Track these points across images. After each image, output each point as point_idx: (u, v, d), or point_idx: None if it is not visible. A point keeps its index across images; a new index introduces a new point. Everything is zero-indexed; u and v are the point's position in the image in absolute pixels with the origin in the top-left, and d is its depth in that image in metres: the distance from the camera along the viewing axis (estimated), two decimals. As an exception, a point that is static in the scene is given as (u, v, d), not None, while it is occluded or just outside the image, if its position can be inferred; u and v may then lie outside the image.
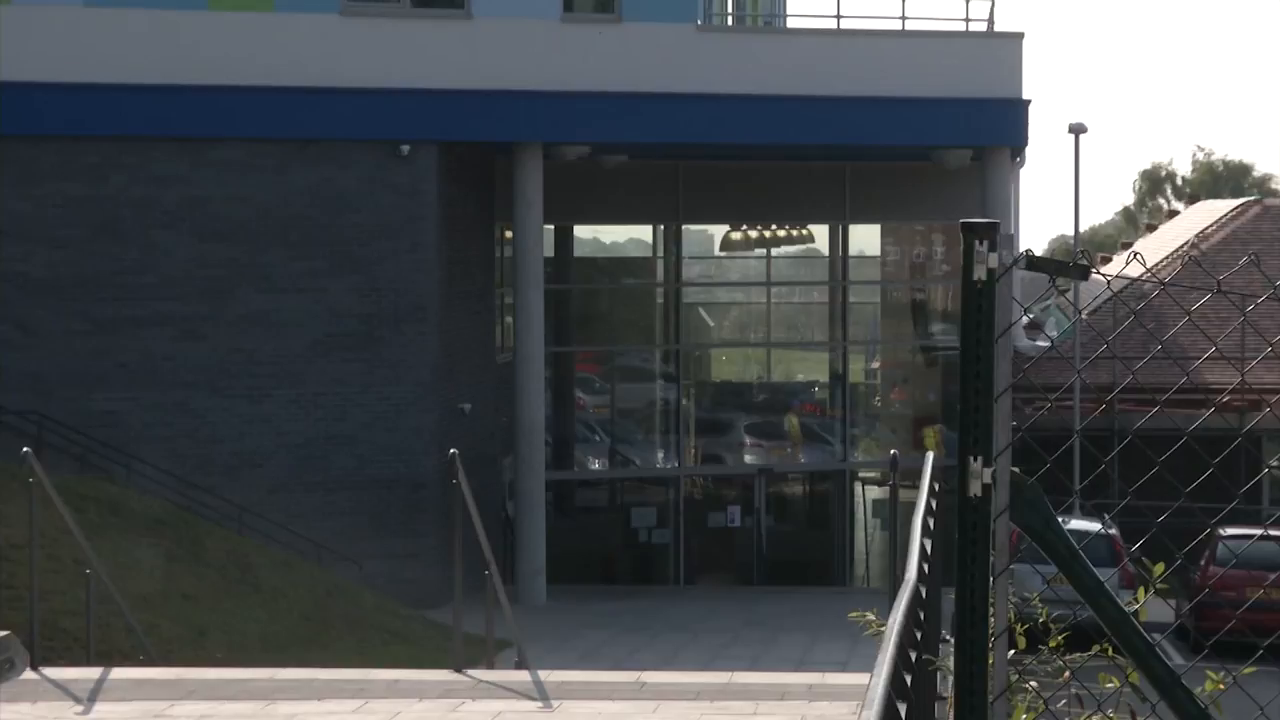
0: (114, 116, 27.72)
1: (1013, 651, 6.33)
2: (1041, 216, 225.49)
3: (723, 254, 39.52)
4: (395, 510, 27.63)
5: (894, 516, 22.96)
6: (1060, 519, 4.52)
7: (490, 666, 13.36)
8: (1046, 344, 35.04)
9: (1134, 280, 6.49)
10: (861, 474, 37.19)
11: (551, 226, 33.01)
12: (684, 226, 37.12)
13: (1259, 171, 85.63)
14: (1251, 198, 52.53)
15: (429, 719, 10.79)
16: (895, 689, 3.79)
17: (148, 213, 27.79)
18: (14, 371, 27.04)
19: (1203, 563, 25.83)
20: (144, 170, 27.82)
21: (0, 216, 27.40)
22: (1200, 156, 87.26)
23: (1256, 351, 29.03)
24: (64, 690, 11.74)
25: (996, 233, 3.99)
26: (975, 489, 3.95)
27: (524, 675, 12.40)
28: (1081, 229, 43.33)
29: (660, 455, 36.73)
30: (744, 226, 38.33)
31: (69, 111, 27.63)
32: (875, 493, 36.81)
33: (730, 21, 35.14)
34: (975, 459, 3.95)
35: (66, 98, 27.60)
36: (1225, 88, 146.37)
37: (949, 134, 31.08)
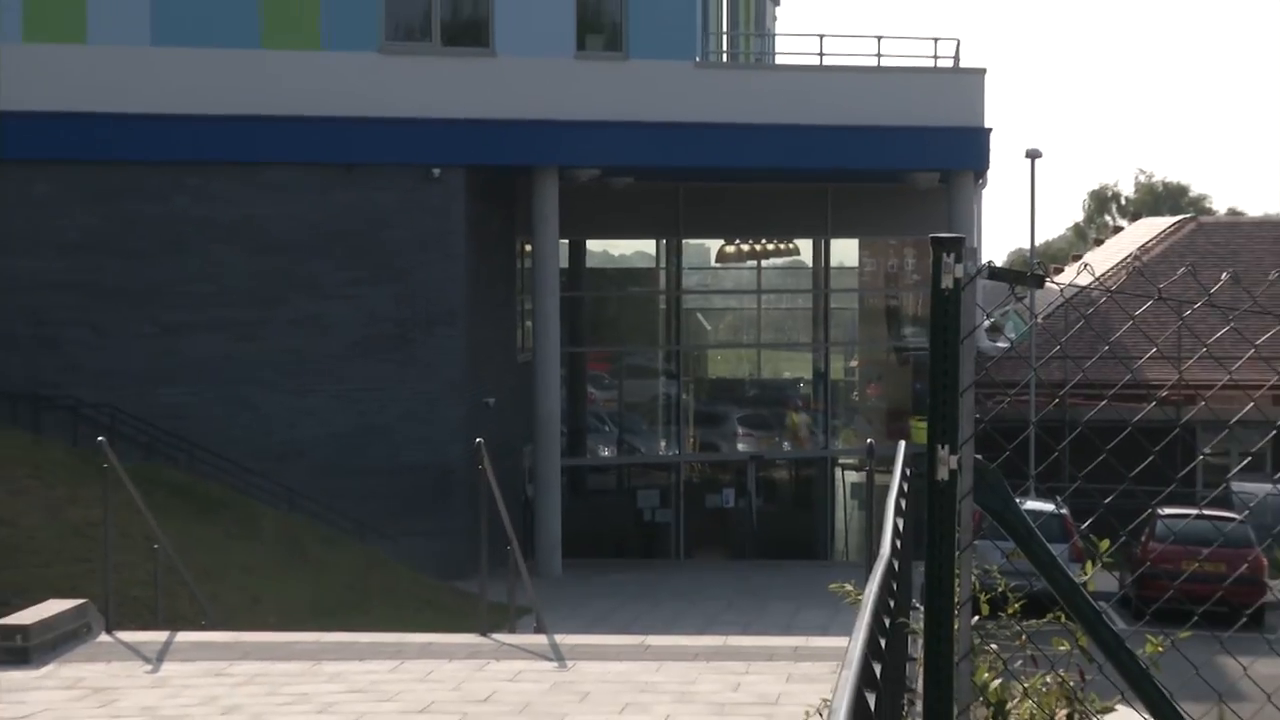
0: (177, 143, 27.74)
1: (976, 618, 6.35)
2: (1001, 232, 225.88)
3: (718, 265, 39.50)
4: (427, 493, 27.62)
5: (870, 498, 23.08)
6: (1018, 500, 4.53)
7: (512, 631, 13.38)
8: (1006, 345, 35.07)
9: (1083, 288, 6.48)
10: (841, 461, 37.17)
11: (566, 240, 32.99)
12: (684, 241, 37.16)
13: (1195, 192, 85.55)
14: (1188, 215, 52.54)
15: (458, 677, 10.80)
16: (871, 651, 3.80)
17: (208, 229, 27.81)
18: (90, 370, 27.11)
19: (1144, 539, 25.81)
20: (204, 191, 27.84)
21: (77, 232, 27.51)
22: (1142, 179, 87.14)
23: (1192, 352, 28.91)
24: (135, 651, 11.77)
25: (962, 246, 4.00)
26: (943, 474, 3.95)
27: (541, 639, 12.42)
28: (1037, 243, 43.26)
29: (663, 444, 36.72)
30: (737, 240, 38.31)
31: (137, 138, 27.64)
32: (853, 477, 36.78)
33: (725, 58, 35.09)
34: (943, 447, 3.96)
35: (135, 127, 27.61)
36: (1166, 116, 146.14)
37: (919, 159, 31.05)
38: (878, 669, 3.98)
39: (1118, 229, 64.80)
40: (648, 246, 37.82)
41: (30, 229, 27.40)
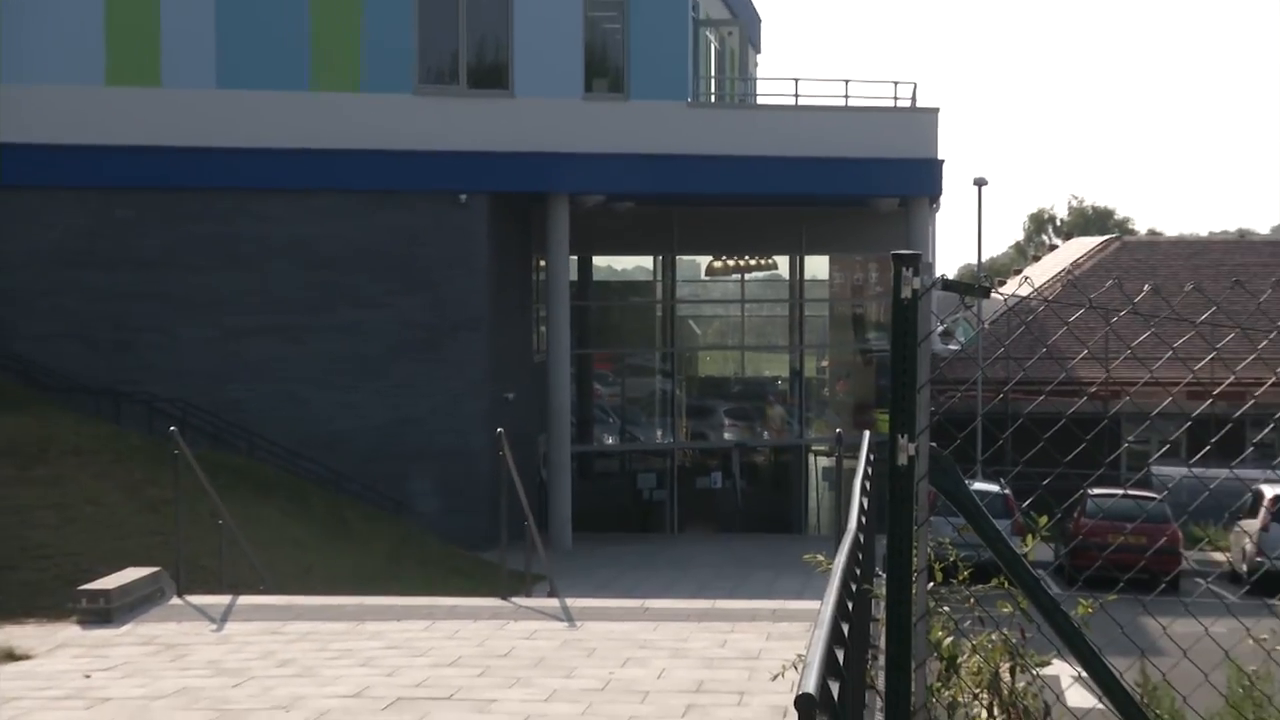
0: (239, 172, 27.75)
1: (931, 584, 6.34)
2: (952, 249, 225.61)
3: (707, 278, 39.52)
4: (455, 476, 27.61)
5: (839, 480, 23.04)
6: (967, 482, 4.53)
7: (528, 595, 13.39)
8: (957, 348, 35.06)
9: (1024, 299, 6.48)
10: (814, 448, 37.14)
11: (575, 257, 32.97)
12: (677, 257, 37.13)
13: (1120, 215, 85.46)
14: (1114, 235, 52.52)
15: (481, 635, 10.81)
16: (840, 613, 3.80)
17: (264, 247, 27.81)
18: (163, 369, 27.13)
19: (1076, 516, 25.84)
20: (262, 214, 27.83)
21: (153, 250, 27.53)
22: (1074, 203, 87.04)
23: (1117, 353, 28.98)
24: (202, 613, 11.79)
25: (919, 262, 4.00)
26: (903, 459, 3.96)
27: (554, 602, 12.42)
28: (983, 259, 43.31)
29: (659, 433, 36.70)
30: (723, 257, 38.36)
31: (204, 169, 27.67)
32: (824, 462, 36.76)
33: (713, 99, 35.08)
34: (903, 436, 3.96)
35: (203, 159, 27.63)
36: (1095, 148, 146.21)
37: (881, 186, 31.04)
38: (845, 628, 3.98)
39: (1053, 247, 64.81)
40: (646, 262, 37.81)
41: (112, 247, 27.42)
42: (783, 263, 38.02)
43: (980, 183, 37.89)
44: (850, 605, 4.47)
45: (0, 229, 26.99)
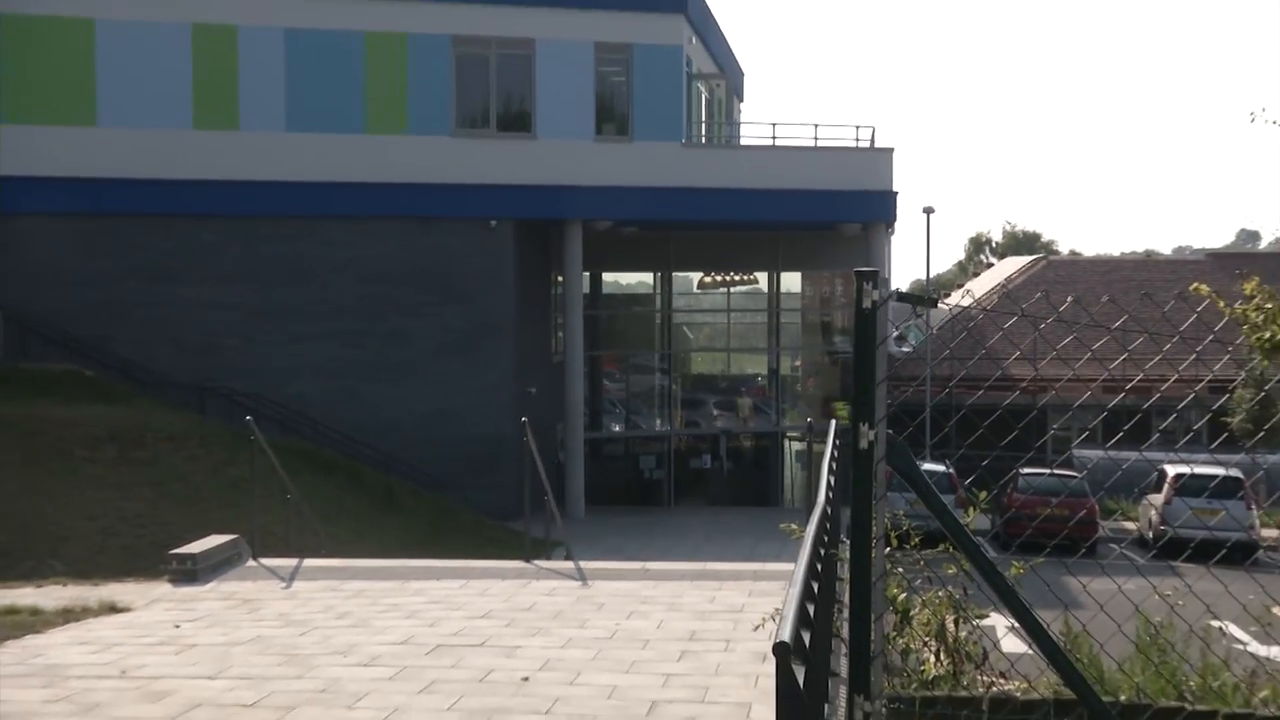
0: (304, 202, 27.78)
1: (887, 549, 6.34)
2: (904, 267, 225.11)
3: (699, 291, 39.48)
4: (486, 458, 27.63)
5: (809, 462, 23.05)
6: (918, 463, 4.51)
7: (547, 558, 13.37)
8: (909, 350, 35.01)
9: (965, 308, 6.48)
10: (788, 434, 37.14)
11: (587, 273, 33.01)
12: (673, 273, 37.17)
13: (1046, 238, 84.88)
14: (1041, 255, 52.47)
15: (508, 592, 10.81)
16: (810, 573, 3.80)
17: (325, 264, 27.83)
18: (240, 368, 27.16)
19: (1010, 491, 25.80)
20: (323, 237, 27.85)
21: (232, 267, 27.55)
22: (1008, 228, 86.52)
23: (1045, 354, 28.99)
24: (273, 573, 11.79)
25: (877, 278, 3.99)
26: (864, 443, 3.94)
27: (569, 564, 12.42)
28: (930, 275, 43.27)
29: (658, 422, 36.67)
30: (712, 273, 38.33)
31: (275, 199, 27.72)
32: (798, 446, 36.76)
33: (703, 140, 35.06)
34: (864, 424, 3.94)
35: (274, 190, 27.68)
36: (1025, 181, 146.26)
37: (845, 213, 31.02)
38: (815, 587, 3.98)
39: (990, 265, 64.62)
40: (646, 278, 37.78)
41: (198, 266, 27.45)
42: (762, 278, 38.00)
43: (928, 211, 37.87)
44: (819, 567, 4.46)
45: (103, 251, 27.04)
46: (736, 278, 38.71)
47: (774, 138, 32.50)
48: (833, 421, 10.52)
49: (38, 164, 26.72)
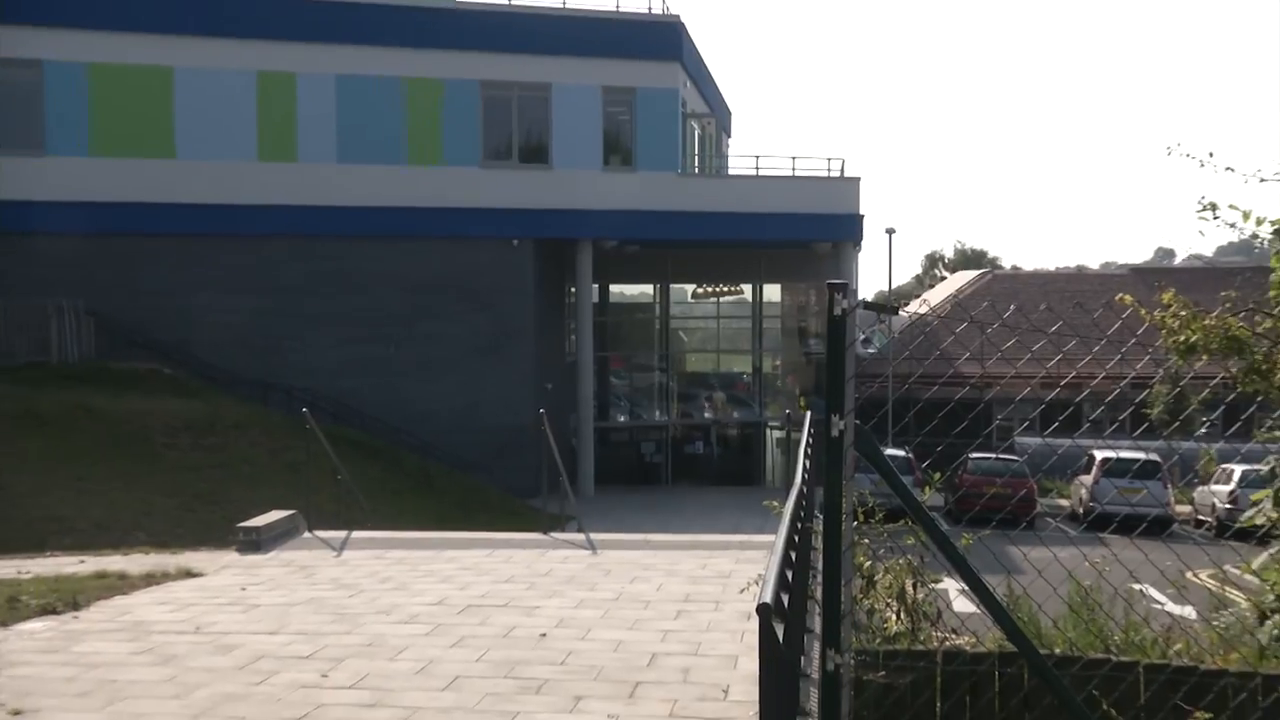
0: (353, 223, 27.79)
1: (855, 523, 6.33)
2: (869, 280, 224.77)
3: (693, 300, 39.47)
4: (509, 444, 27.63)
5: (788, 447, 23.06)
6: (882, 448, 4.51)
7: (562, 530, 13.37)
8: (874, 351, 34.96)
9: (923, 315, 6.47)
10: (770, 424, 37.13)
11: (596, 285, 32.98)
12: (670, 285, 37.18)
13: (992, 254, 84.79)
14: (987, 270, 52.43)
15: (528, 560, 10.80)
16: (789, 544, 3.79)
17: (372, 277, 27.81)
18: (297, 366, 27.17)
19: (961, 473, 25.78)
20: (369, 254, 27.85)
21: (290, 278, 27.55)
22: (959, 246, 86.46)
23: (991, 355, 28.98)
24: (326, 544, 11.79)
25: (846, 289, 3.98)
26: (835, 431, 3.94)
27: (581, 536, 12.41)
28: (892, 287, 43.25)
29: (657, 413, 36.66)
30: (704, 285, 38.33)
31: (328, 221, 27.72)
32: (778, 434, 36.75)
33: (696, 170, 35.04)
34: (836, 415, 3.94)
35: (327, 214, 27.69)
36: (974, 206, 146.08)
37: (819, 233, 31.00)
38: (793, 555, 3.97)
39: (943, 278, 64.57)
40: (647, 289, 37.79)
41: (260, 278, 27.45)
42: (747, 289, 38.01)
43: (890, 231, 37.92)
44: (796, 539, 4.46)
45: (181, 267, 27.04)
46: (725, 289, 38.71)
47: (757, 168, 32.57)
48: (808, 413, 10.52)
49: (126, 191, 26.74)
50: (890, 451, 23.12)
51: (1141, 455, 26.66)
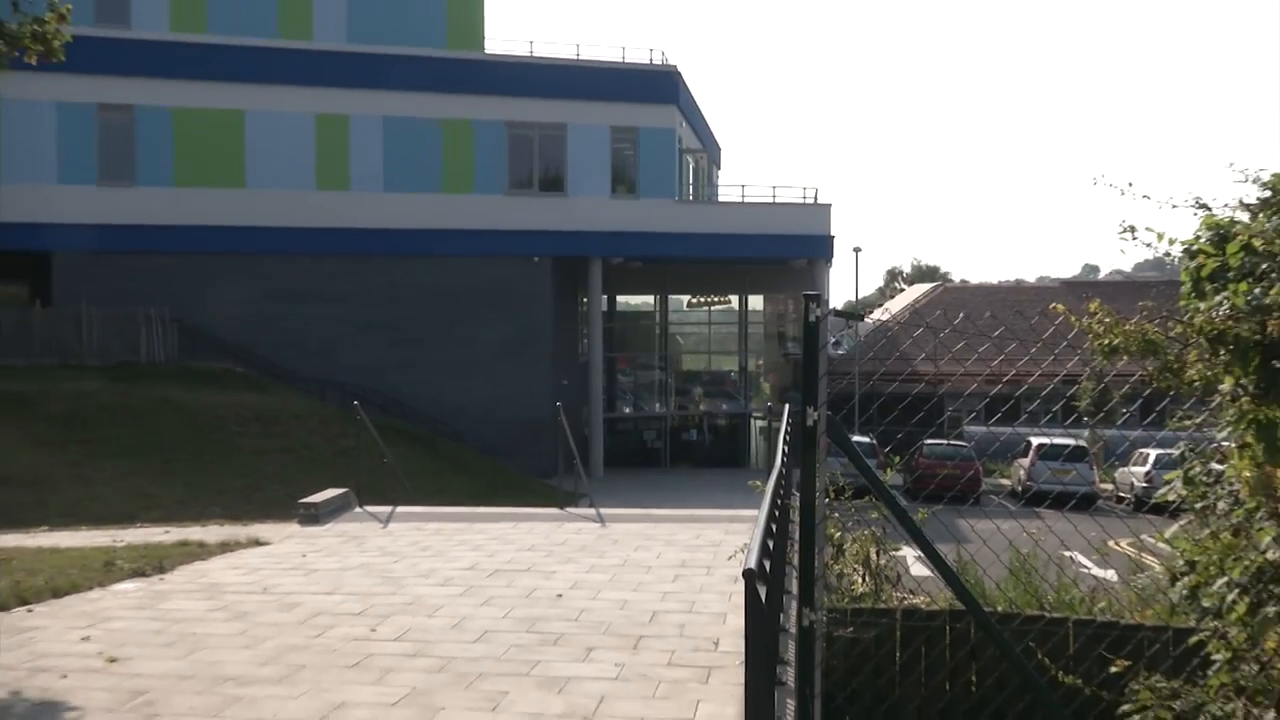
0: (396, 244, 27.77)
1: (827, 500, 6.33)
2: (839, 291, 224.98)
3: (687, 309, 39.48)
4: (531, 432, 27.60)
5: (770, 435, 23.03)
6: (850, 435, 4.51)
7: (576, 506, 13.38)
8: (843, 352, 34.92)
9: (885, 322, 6.47)
10: (754, 415, 37.11)
11: (605, 296, 32.96)
12: (669, 296, 37.15)
13: (944, 269, 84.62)
14: (939, 283, 52.37)
15: (547, 531, 10.80)
16: (771, 517, 3.80)
17: (408, 291, 27.78)
18: (350, 365, 27.15)
19: (917, 456, 25.76)
20: (411, 270, 27.81)
21: (346, 290, 27.55)
22: (915, 262, 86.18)
23: (943, 356, 28.95)
24: (374, 517, 11.80)
25: (819, 299, 3.99)
26: (810, 421, 3.94)
27: (593, 511, 12.43)
28: (859, 297, 43.21)
29: (657, 406, 36.64)
30: (698, 296, 38.34)
31: (375, 241, 27.69)
32: (760, 424, 36.73)
33: (691, 198, 35.04)
34: (810, 407, 3.94)
35: (375, 235, 27.66)
36: (928, 226, 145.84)
37: (796, 251, 30.96)
38: (774, 527, 3.98)
39: (902, 290, 64.50)
40: (649, 299, 37.78)
41: (319, 290, 27.44)
42: (734, 299, 38.00)
43: (857, 249, 37.86)
44: (777, 513, 4.47)
45: (251, 278, 27.06)
46: (715, 299, 38.72)
47: (743, 196, 32.51)
48: (787, 405, 10.54)
49: (204, 216, 26.79)
50: (857, 438, 23.03)
51: (1072, 441, 26.64)
